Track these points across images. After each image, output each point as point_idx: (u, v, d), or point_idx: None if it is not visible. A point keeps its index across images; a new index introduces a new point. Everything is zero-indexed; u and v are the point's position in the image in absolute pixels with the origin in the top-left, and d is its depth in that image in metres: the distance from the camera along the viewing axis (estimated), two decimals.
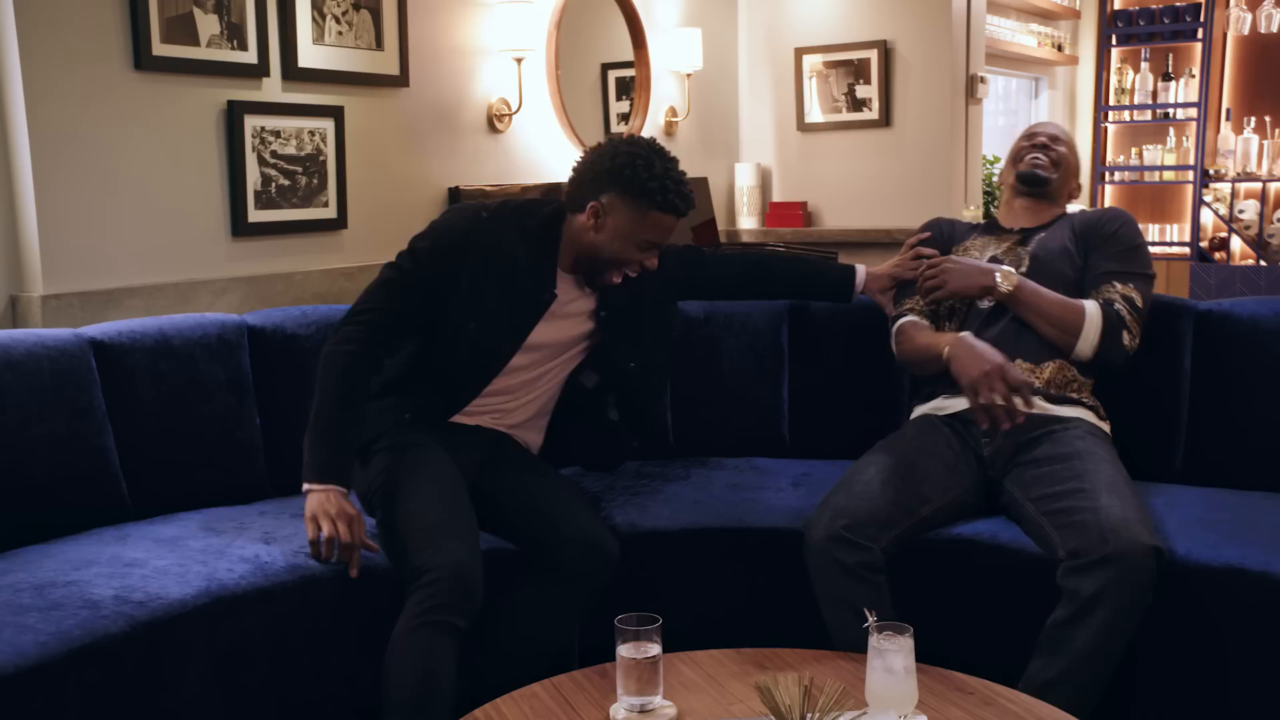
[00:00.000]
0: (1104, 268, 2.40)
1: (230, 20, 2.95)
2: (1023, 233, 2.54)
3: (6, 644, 1.68)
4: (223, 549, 2.09)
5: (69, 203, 2.67)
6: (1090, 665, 1.92)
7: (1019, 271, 2.41)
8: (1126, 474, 2.16)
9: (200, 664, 1.91)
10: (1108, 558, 1.90)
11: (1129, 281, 2.37)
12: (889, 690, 1.60)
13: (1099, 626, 1.91)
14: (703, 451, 2.79)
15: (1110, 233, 2.44)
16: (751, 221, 5.11)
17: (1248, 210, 6.67)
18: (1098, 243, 2.44)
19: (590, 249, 2.28)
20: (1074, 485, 2.07)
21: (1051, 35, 6.70)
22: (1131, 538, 1.91)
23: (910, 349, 2.46)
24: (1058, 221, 2.55)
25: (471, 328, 2.27)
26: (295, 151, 3.15)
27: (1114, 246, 2.42)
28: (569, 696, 1.76)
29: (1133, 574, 1.90)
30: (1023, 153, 2.60)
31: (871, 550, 2.05)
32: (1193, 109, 6.76)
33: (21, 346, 2.23)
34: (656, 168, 2.22)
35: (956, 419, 2.34)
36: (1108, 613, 1.90)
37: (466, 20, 3.74)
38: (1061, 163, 2.58)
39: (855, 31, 4.84)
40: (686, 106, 4.74)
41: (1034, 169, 2.56)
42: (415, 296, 2.27)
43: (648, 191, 2.20)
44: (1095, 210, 2.63)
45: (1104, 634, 1.91)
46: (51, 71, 2.61)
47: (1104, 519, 1.95)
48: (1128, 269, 2.39)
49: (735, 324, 2.83)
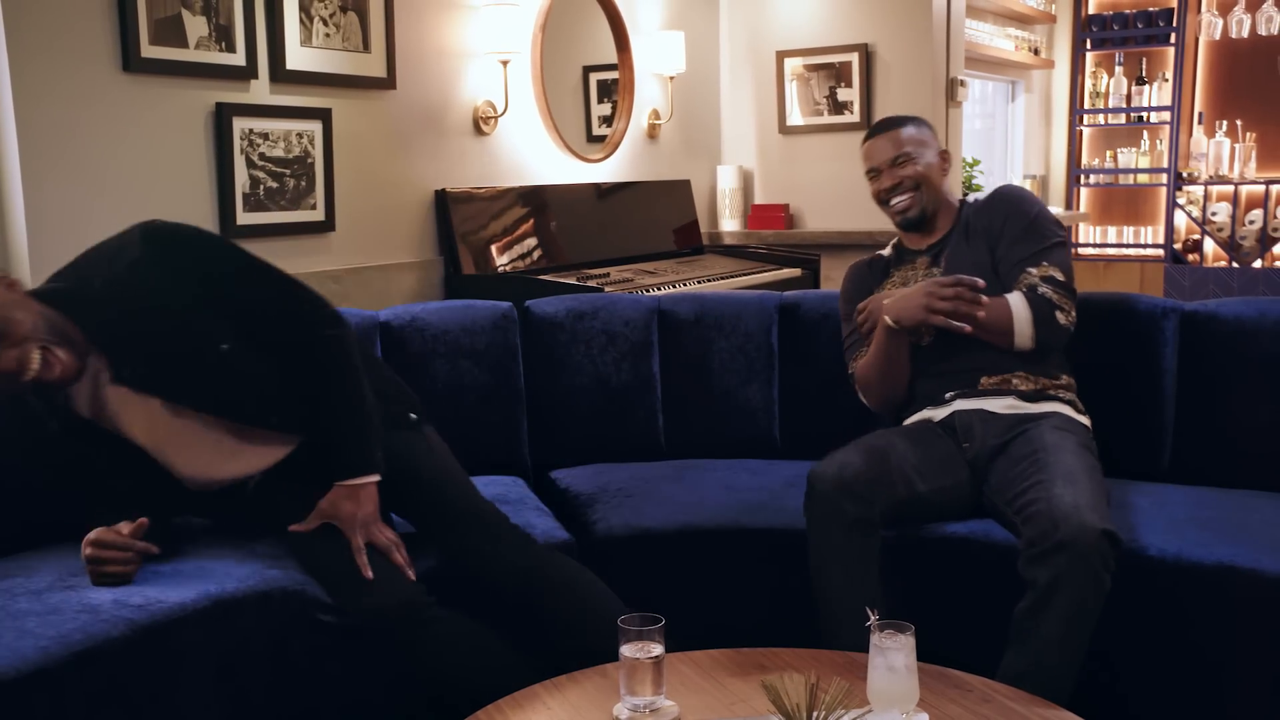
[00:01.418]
0: (1013, 256, 2.38)
1: (219, 22, 2.94)
2: (929, 251, 2.52)
3: (7, 648, 1.67)
4: (224, 553, 2.08)
5: (58, 204, 2.65)
6: (1058, 652, 1.94)
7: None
8: (1092, 462, 2.17)
9: (200, 668, 1.90)
10: (1060, 544, 1.93)
11: (1041, 260, 2.35)
12: (891, 688, 1.62)
13: (1060, 614, 1.93)
14: (693, 453, 2.80)
15: (1004, 218, 2.42)
16: (734, 224, 5.13)
17: (1220, 213, 6.76)
18: (997, 233, 2.41)
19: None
20: (1035, 479, 2.10)
21: (1028, 39, 6.76)
22: (1080, 523, 1.94)
23: (869, 368, 2.45)
24: (956, 222, 2.51)
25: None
26: (283, 154, 3.14)
27: (1014, 229, 2.40)
28: (571, 696, 1.77)
29: (1085, 559, 1.92)
30: (880, 195, 2.52)
31: (872, 505, 2.11)
32: (1166, 113, 6.84)
33: None
34: None
35: (943, 425, 2.36)
36: (1065, 600, 1.93)
37: (452, 23, 3.75)
38: (920, 181, 2.47)
39: (836, 35, 4.87)
40: (669, 109, 4.76)
41: (903, 215, 2.50)
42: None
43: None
44: (982, 199, 2.55)
45: (1066, 621, 1.93)
46: (40, 73, 2.60)
47: (1055, 507, 1.98)
48: (1035, 248, 2.37)
49: (725, 326, 2.85)
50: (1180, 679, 2.13)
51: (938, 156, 2.52)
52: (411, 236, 3.65)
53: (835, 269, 4.85)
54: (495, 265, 3.80)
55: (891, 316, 2.36)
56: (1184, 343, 2.51)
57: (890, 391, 2.46)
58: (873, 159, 2.52)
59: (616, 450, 2.79)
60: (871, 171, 2.52)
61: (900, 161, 2.47)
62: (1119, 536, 1.97)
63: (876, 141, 2.52)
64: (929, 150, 2.51)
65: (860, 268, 2.65)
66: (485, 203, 3.84)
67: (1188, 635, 2.10)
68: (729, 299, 2.93)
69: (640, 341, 2.84)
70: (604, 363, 2.81)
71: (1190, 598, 2.07)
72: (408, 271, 3.61)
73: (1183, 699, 2.13)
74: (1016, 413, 2.30)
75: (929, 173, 2.49)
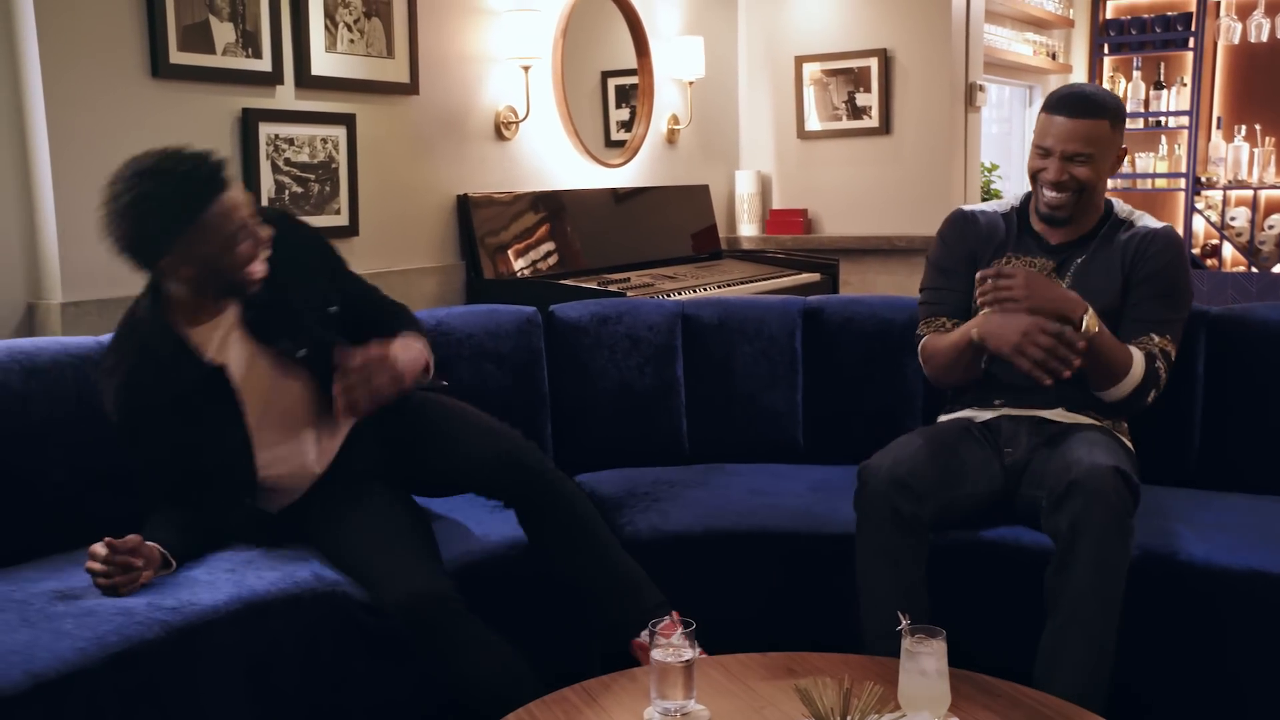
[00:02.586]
0: (1145, 311, 2.25)
1: (245, 28, 2.96)
2: (1058, 253, 2.34)
3: (45, 650, 1.69)
4: (251, 556, 2.10)
5: (88, 210, 2.66)
6: (1093, 602, 1.94)
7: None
8: (1119, 454, 2.13)
9: (232, 670, 1.91)
10: (1071, 485, 1.96)
11: (1167, 332, 2.24)
12: (922, 692, 1.63)
13: (1087, 559, 1.93)
14: (718, 457, 2.81)
15: (1157, 267, 2.26)
16: (752, 228, 5.14)
17: (1239, 217, 6.74)
18: (1141, 277, 2.26)
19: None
20: (1061, 464, 2.11)
21: (1045, 44, 6.76)
22: (1092, 464, 1.97)
23: (940, 355, 2.34)
24: (1100, 235, 2.32)
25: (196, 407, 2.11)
26: (308, 159, 3.16)
27: (1160, 284, 2.25)
28: (600, 700, 1.78)
29: (1099, 497, 1.94)
30: (1037, 174, 2.28)
31: (924, 504, 2.08)
32: (1184, 117, 6.82)
33: (45, 354, 2.24)
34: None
35: (986, 427, 2.35)
36: (1089, 543, 1.93)
37: (475, 28, 3.76)
38: (1085, 185, 2.24)
39: (855, 40, 4.88)
40: (688, 114, 4.77)
41: (1052, 212, 2.29)
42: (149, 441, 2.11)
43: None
44: (1144, 233, 2.30)
45: (1094, 566, 1.93)
46: (72, 80, 2.62)
47: (1069, 461, 2.04)
48: (1170, 316, 2.25)
49: (749, 330, 2.85)
50: (1208, 684, 2.12)
51: (1116, 156, 2.28)
52: (433, 241, 3.66)
53: (854, 274, 4.86)
54: (516, 270, 3.81)
55: (979, 334, 2.22)
56: (1211, 347, 2.50)
57: (952, 381, 2.39)
58: (1048, 138, 2.23)
59: (640, 454, 2.80)
60: (1040, 149, 2.25)
61: (1077, 159, 2.22)
62: (1134, 479, 1.99)
63: (1064, 123, 2.21)
64: (1110, 153, 2.25)
65: (970, 222, 2.42)
66: (506, 207, 3.85)
67: (1216, 641, 2.10)
68: (753, 304, 2.93)
69: (664, 346, 2.84)
70: (628, 367, 2.82)
71: (1218, 603, 2.07)
72: (429, 276, 3.63)
73: (1210, 704, 2.13)
74: (1062, 421, 2.29)
75: (1100, 179, 2.26)
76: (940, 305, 2.41)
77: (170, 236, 1.91)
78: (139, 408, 2.05)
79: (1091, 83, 2.10)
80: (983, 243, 2.40)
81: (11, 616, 1.80)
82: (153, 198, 1.89)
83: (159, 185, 1.90)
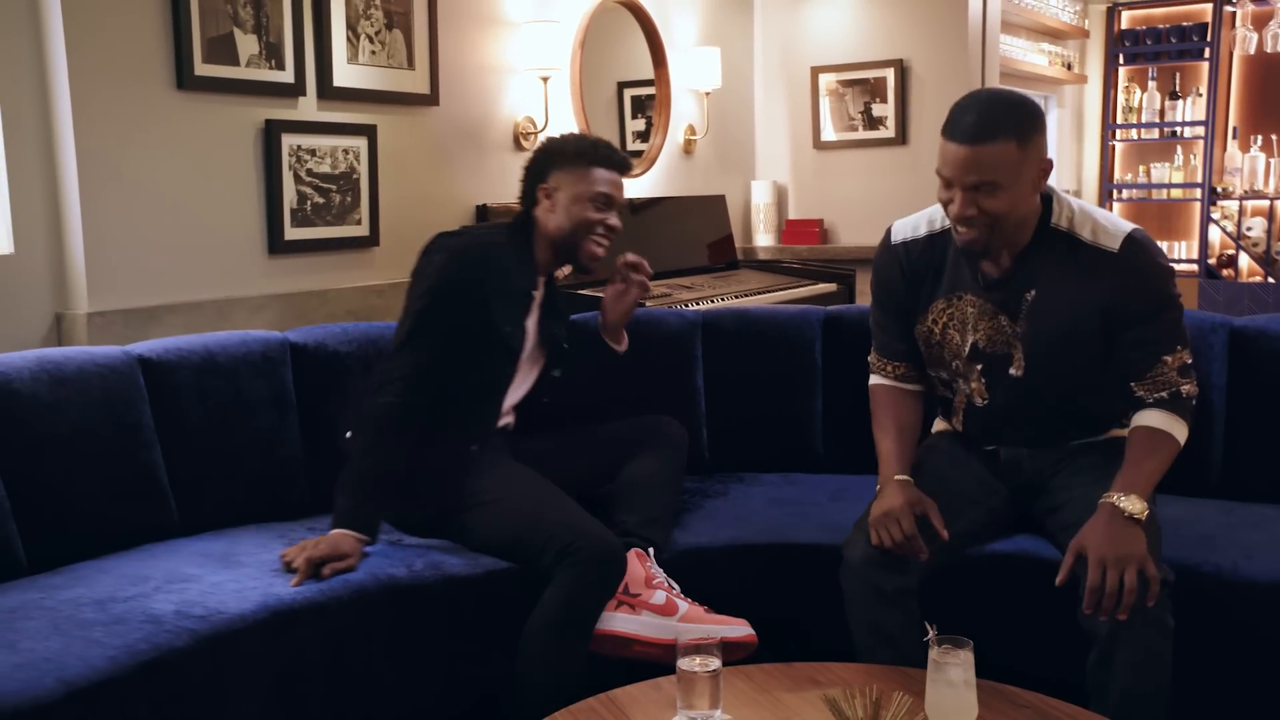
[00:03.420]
0: (1148, 336, 2.00)
1: (269, 40, 2.98)
2: (1000, 289, 2.06)
3: (76, 658, 1.70)
4: (277, 564, 2.11)
5: (114, 221, 2.70)
6: (1138, 701, 1.85)
7: (1015, 374, 2.08)
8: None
9: (260, 678, 1.93)
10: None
11: (1175, 344, 2.01)
12: (949, 703, 1.62)
13: (1126, 664, 1.83)
14: (738, 467, 2.81)
15: (1145, 296, 2.00)
16: (768, 238, 5.15)
17: (1255, 227, 6.72)
18: (1135, 308, 2.00)
19: (556, 229, 2.41)
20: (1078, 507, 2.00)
21: (1061, 54, 6.76)
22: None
23: (874, 426, 2.24)
24: (1041, 256, 2.03)
25: (508, 332, 2.35)
26: (330, 170, 3.18)
27: (1151, 305, 2.00)
28: (626, 710, 1.78)
29: (1138, 610, 1.81)
30: (946, 209, 2.00)
31: (908, 575, 2.00)
32: (1200, 127, 6.81)
33: (73, 363, 2.25)
34: (582, 138, 2.48)
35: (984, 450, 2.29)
36: (1129, 649, 1.83)
37: (494, 39, 3.79)
38: (997, 220, 1.93)
39: (871, 51, 4.89)
40: (705, 125, 4.78)
41: (966, 247, 2.02)
42: (450, 327, 2.30)
43: (581, 152, 2.41)
44: (1109, 256, 2.00)
45: (1134, 670, 1.84)
46: (99, 92, 2.65)
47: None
48: (1170, 325, 2.01)
49: (769, 339, 2.86)
50: (1231, 696, 2.12)
51: (1035, 175, 1.95)
52: None
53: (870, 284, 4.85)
54: None
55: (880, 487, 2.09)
56: (1233, 359, 2.50)
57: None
58: (947, 166, 1.93)
59: None
60: (943, 177, 1.96)
61: (983, 189, 1.91)
62: (1170, 577, 1.89)
63: (958, 151, 1.90)
64: (1025, 174, 1.92)
65: (897, 255, 2.19)
66: None
67: (1238, 652, 2.09)
68: (773, 314, 2.94)
69: (685, 355, 2.85)
70: (648, 376, 2.82)
71: (1241, 614, 2.07)
72: None
73: (1234, 716, 2.12)
74: (1068, 443, 2.21)
75: (1015, 206, 1.94)
76: (883, 345, 2.28)
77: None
78: (462, 297, 2.28)
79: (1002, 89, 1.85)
80: (914, 280, 2.17)
81: (42, 624, 1.82)
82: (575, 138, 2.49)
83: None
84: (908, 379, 2.28)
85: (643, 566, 2.22)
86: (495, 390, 2.40)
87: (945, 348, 2.16)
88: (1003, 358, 2.10)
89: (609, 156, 2.43)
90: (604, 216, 2.41)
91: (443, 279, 2.30)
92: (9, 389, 2.13)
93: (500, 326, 2.33)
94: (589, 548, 2.12)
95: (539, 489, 2.30)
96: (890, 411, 2.24)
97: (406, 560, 2.17)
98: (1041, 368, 2.08)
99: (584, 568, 2.10)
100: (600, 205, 2.41)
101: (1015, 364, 2.09)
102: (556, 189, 2.41)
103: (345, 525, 2.16)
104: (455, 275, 2.30)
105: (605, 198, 2.41)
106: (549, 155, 2.45)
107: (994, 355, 2.11)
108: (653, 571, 2.22)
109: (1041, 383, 2.09)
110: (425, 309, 2.30)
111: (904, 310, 2.21)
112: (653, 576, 2.21)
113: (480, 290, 2.31)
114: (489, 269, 2.33)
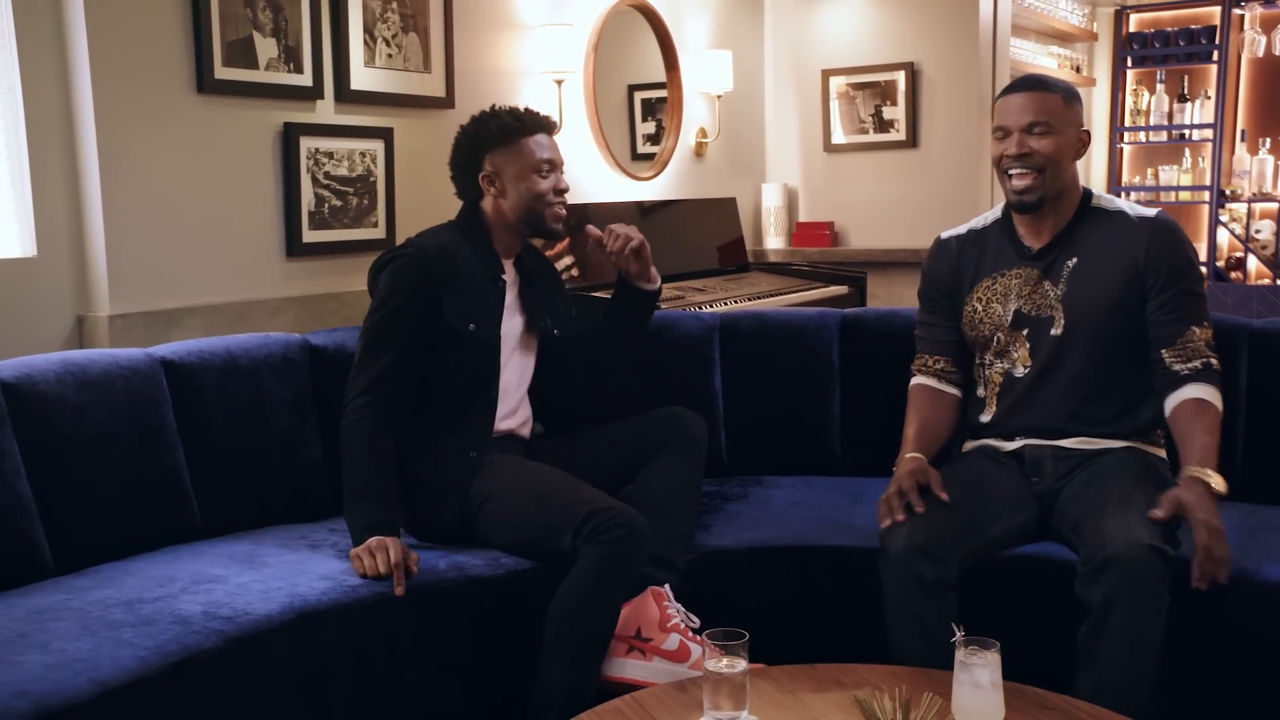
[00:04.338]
0: (1180, 305, 2.21)
1: (287, 44, 2.99)
2: (1042, 258, 2.29)
3: (107, 658, 1.72)
4: (301, 566, 2.12)
5: (135, 223, 2.71)
6: (1123, 673, 1.92)
7: (1056, 333, 2.26)
8: (1153, 489, 2.09)
9: (286, 678, 1.94)
10: (1107, 561, 1.92)
11: (1203, 320, 2.21)
12: (976, 705, 1.63)
13: (1119, 632, 1.91)
14: (756, 469, 2.82)
15: (1176, 262, 2.23)
16: (778, 241, 5.16)
17: (1264, 230, 6.72)
18: (1167, 272, 2.21)
19: (512, 211, 2.42)
20: (1091, 505, 2.09)
21: (1069, 57, 6.76)
22: (1129, 538, 1.92)
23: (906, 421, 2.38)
24: (1082, 229, 2.27)
25: (471, 329, 2.35)
26: (347, 172, 3.19)
27: (1182, 274, 2.22)
28: (653, 711, 1.79)
29: (1136, 575, 1.90)
30: (1001, 163, 2.25)
31: (948, 565, 2.06)
32: (1208, 130, 6.81)
33: (97, 366, 2.27)
34: (495, 114, 2.45)
35: (1011, 456, 2.33)
36: (1122, 618, 1.91)
37: (509, 42, 3.79)
38: (1049, 162, 2.20)
39: (882, 53, 4.90)
40: (716, 127, 4.79)
41: (1020, 197, 2.24)
42: (405, 336, 2.31)
43: (506, 129, 2.41)
44: (1145, 221, 2.26)
45: (1127, 639, 1.91)
46: (120, 94, 2.65)
47: (1105, 526, 1.98)
48: (1199, 300, 2.22)
49: (787, 341, 2.87)
50: (1247, 698, 2.12)
51: (1077, 136, 2.25)
52: None
53: (881, 287, 4.87)
54: None
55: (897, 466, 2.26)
56: (1254, 361, 2.50)
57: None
58: (1005, 117, 2.23)
59: None
60: (999, 130, 2.24)
61: (1036, 130, 2.20)
62: (1170, 552, 1.95)
63: (1016, 98, 2.23)
64: (1069, 128, 2.23)
65: (943, 253, 2.42)
66: None
67: (1260, 655, 2.10)
68: (791, 316, 2.95)
69: (702, 358, 2.86)
70: (665, 379, 2.83)
71: (1260, 618, 2.07)
72: None
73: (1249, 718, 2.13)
74: (1087, 448, 2.26)
75: (1062, 154, 2.22)
76: (926, 340, 2.44)
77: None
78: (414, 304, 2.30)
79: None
80: (961, 269, 2.39)
81: (72, 625, 1.83)
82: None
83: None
84: (947, 377, 2.40)
85: (659, 607, 2.19)
86: (482, 389, 2.36)
87: (987, 322, 2.32)
88: (1045, 320, 2.27)
89: (534, 121, 2.43)
90: (554, 182, 2.43)
91: (390, 290, 2.32)
92: (35, 391, 2.14)
93: (463, 324, 2.32)
94: (614, 523, 2.09)
95: (547, 473, 2.29)
96: (921, 410, 2.38)
97: (430, 562, 2.19)
98: (1080, 326, 2.24)
99: (612, 545, 2.08)
100: (545, 171, 2.41)
101: (1056, 324, 2.26)
102: (497, 173, 2.41)
103: (372, 535, 2.16)
104: (403, 284, 2.32)
105: (548, 163, 2.42)
106: (475, 143, 2.43)
107: (1037, 319, 2.28)
108: (669, 612, 2.19)
109: (1081, 341, 2.25)
110: (376, 323, 2.32)
111: (950, 298, 2.39)
112: (669, 618, 2.18)
113: (434, 293, 2.31)
114: (442, 270, 2.33)
